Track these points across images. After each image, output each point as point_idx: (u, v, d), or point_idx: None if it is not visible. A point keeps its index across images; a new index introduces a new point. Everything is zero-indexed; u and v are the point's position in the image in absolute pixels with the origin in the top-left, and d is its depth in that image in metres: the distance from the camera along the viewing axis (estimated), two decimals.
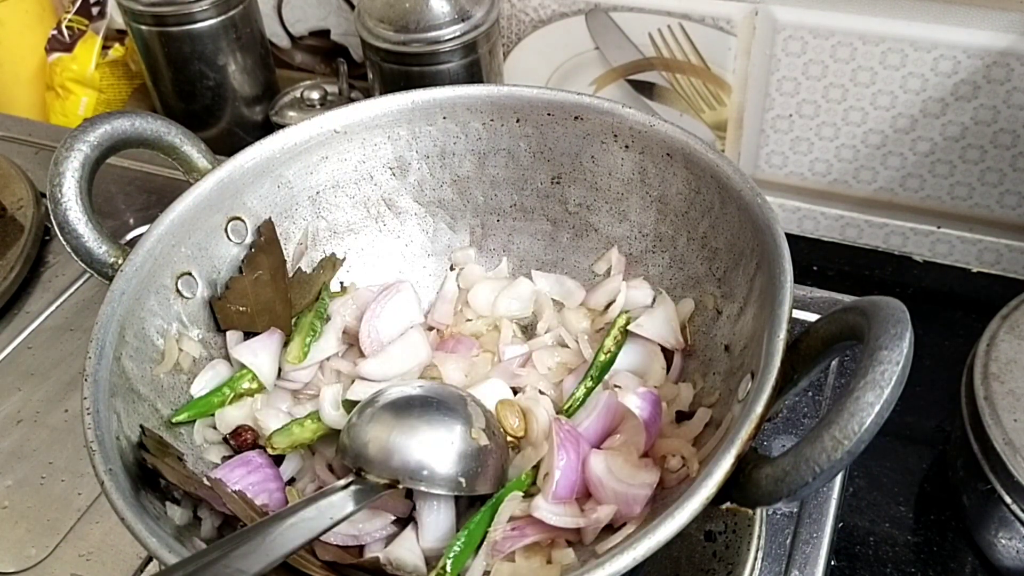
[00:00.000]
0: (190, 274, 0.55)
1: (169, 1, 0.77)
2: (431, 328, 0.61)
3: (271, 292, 0.58)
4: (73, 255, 0.54)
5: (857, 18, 0.68)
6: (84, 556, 0.58)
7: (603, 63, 0.79)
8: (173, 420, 0.52)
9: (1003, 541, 0.55)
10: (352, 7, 0.87)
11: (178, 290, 0.55)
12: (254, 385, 0.55)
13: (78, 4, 0.90)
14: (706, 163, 0.53)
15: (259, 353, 0.55)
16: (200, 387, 0.54)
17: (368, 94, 0.83)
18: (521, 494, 0.49)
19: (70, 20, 0.90)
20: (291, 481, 0.53)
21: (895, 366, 0.37)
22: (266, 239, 0.58)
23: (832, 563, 0.56)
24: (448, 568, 0.46)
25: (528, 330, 0.61)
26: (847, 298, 0.65)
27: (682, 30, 0.74)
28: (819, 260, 0.77)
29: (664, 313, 0.56)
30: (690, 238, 0.56)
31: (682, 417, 0.52)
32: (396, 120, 0.59)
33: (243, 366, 0.55)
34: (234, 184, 0.57)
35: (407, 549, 0.48)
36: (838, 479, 0.59)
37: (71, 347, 0.71)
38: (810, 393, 0.63)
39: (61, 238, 0.54)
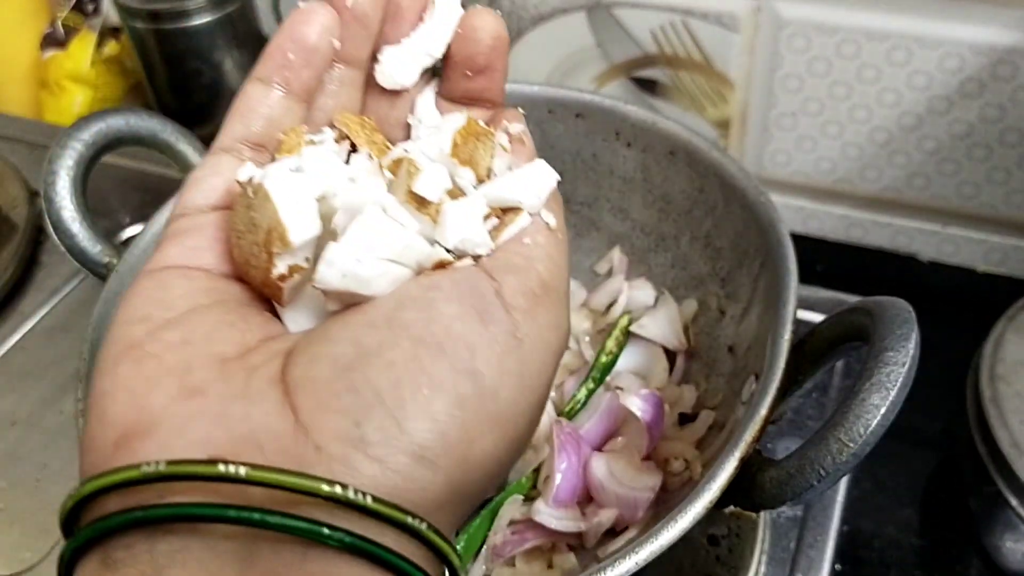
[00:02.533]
0: None
1: None
2: None
3: None
4: (68, 254, 0.54)
5: (862, 15, 0.67)
6: None
7: (605, 60, 0.78)
8: None
9: (1009, 544, 0.55)
10: None
11: None
12: None
13: (72, 1, 0.89)
14: (709, 161, 0.53)
15: None
16: None
17: None
18: (521, 498, 0.49)
19: (64, 17, 0.89)
20: None
21: (901, 367, 0.36)
22: None
23: (837, 567, 0.55)
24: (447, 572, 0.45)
25: None
26: (852, 298, 0.64)
27: (684, 27, 0.74)
28: (824, 260, 0.77)
29: (666, 314, 0.55)
30: (693, 237, 0.55)
31: (685, 419, 0.52)
32: None
33: None
34: None
35: None
36: (843, 482, 0.58)
37: (66, 348, 0.70)
38: (815, 395, 0.63)
39: (55, 237, 0.54)
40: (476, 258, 0.29)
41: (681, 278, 0.57)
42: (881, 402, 0.36)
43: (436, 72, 0.34)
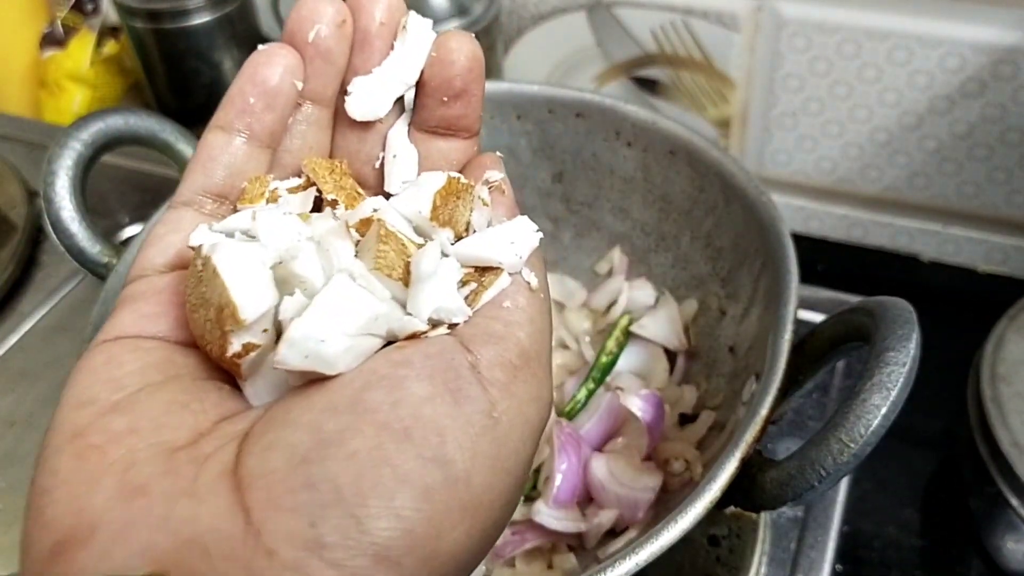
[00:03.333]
0: None
1: None
2: None
3: None
4: (67, 254, 0.54)
5: (863, 14, 0.67)
6: None
7: (605, 59, 0.78)
8: None
9: (1010, 545, 0.55)
10: None
11: None
12: None
13: (72, 1, 0.89)
14: (710, 161, 0.52)
15: None
16: None
17: None
18: (521, 498, 0.49)
19: (64, 17, 0.89)
20: None
21: (902, 367, 0.36)
22: None
23: (837, 568, 0.55)
24: None
25: None
26: (853, 298, 0.64)
27: (685, 26, 0.73)
28: (825, 259, 0.76)
29: (667, 314, 0.55)
30: (693, 237, 0.55)
31: (685, 420, 0.52)
32: None
33: None
34: None
35: None
36: (844, 482, 0.58)
37: (65, 348, 0.70)
38: (815, 395, 0.62)
39: (54, 237, 0.53)
40: (452, 326, 0.27)
41: (681, 278, 0.56)
42: (882, 402, 0.36)
43: (410, 99, 0.33)
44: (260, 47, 0.30)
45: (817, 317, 0.62)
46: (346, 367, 0.26)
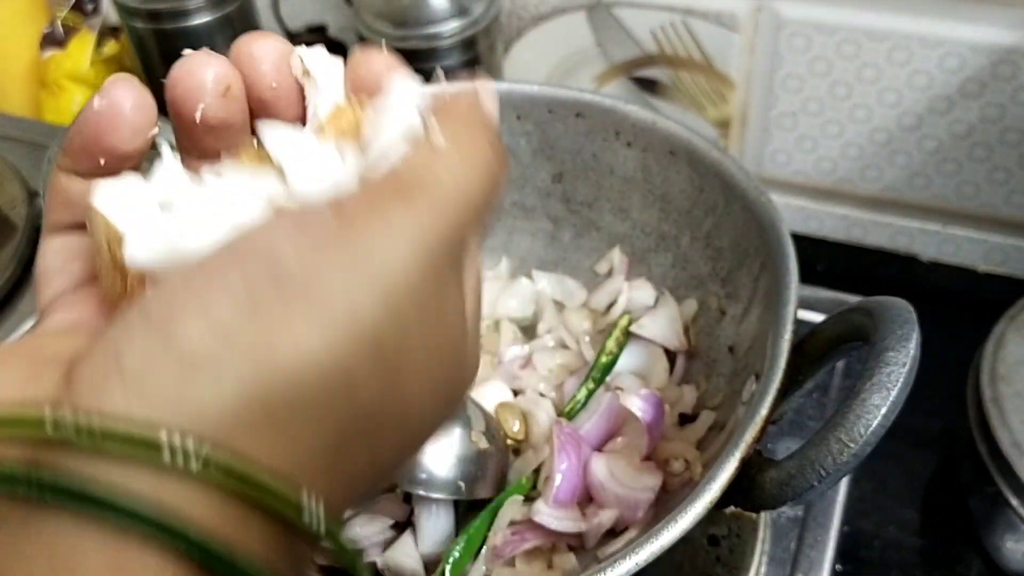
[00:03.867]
0: None
1: None
2: None
3: None
4: None
5: (862, 14, 0.67)
6: None
7: (605, 60, 0.78)
8: None
9: (1009, 544, 0.55)
10: (350, 2, 0.86)
11: None
12: None
13: (72, 1, 0.89)
14: (710, 161, 0.52)
15: None
16: None
17: None
18: (521, 498, 0.49)
19: (64, 17, 0.89)
20: None
21: (902, 367, 0.36)
22: None
23: (837, 567, 0.55)
24: (447, 573, 0.45)
25: (528, 331, 0.60)
26: (853, 298, 0.64)
27: (684, 27, 0.73)
28: (824, 260, 0.76)
29: (667, 314, 0.55)
30: (693, 237, 0.55)
31: (685, 420, 0.52)
32: None
33: None
34: None
35: (405, 554, 0.47)
36: (844, 482, 0.58)
37: None
38: (815, 395, 0.62)
39: None
40: None
41: (681, 278, 0.57)
42: (882, 402, 0.36)
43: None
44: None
45: (817, 317, 0.62)
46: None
